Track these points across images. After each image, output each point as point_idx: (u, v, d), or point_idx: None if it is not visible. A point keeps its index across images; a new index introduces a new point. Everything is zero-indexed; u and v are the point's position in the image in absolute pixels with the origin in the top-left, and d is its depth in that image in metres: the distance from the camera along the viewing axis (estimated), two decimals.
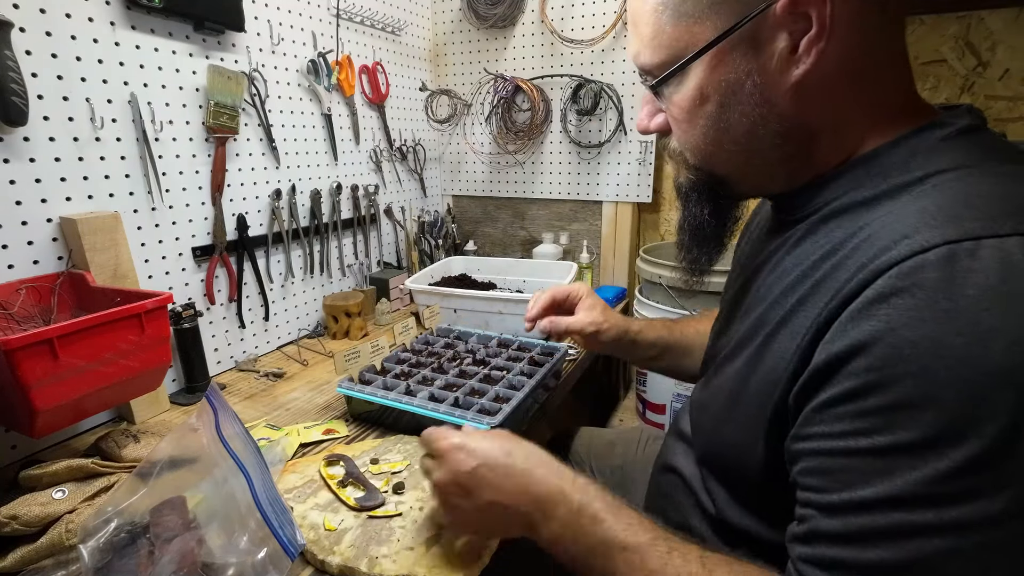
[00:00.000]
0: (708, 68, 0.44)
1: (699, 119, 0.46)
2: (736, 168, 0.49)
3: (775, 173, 0.48)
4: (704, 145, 0.48)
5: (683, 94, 0.46)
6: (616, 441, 0.99)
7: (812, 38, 0.40)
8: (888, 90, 0.44)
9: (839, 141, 0.45)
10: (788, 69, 0.41)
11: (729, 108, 0.44)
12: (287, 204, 1.18)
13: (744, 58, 0.42)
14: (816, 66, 0.40)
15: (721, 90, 0.44)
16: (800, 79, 0.41)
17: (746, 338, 0.49)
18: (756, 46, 0.42)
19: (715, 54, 0.43)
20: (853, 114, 0.44)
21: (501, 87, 1.53)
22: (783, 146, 0.45)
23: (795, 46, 0.40)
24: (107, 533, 0.56)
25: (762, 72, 0.42)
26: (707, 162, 0.49)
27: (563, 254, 1.56)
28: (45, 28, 0.76)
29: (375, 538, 0.59)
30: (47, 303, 0.77)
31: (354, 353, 0.86)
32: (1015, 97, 1.14)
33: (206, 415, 0.64)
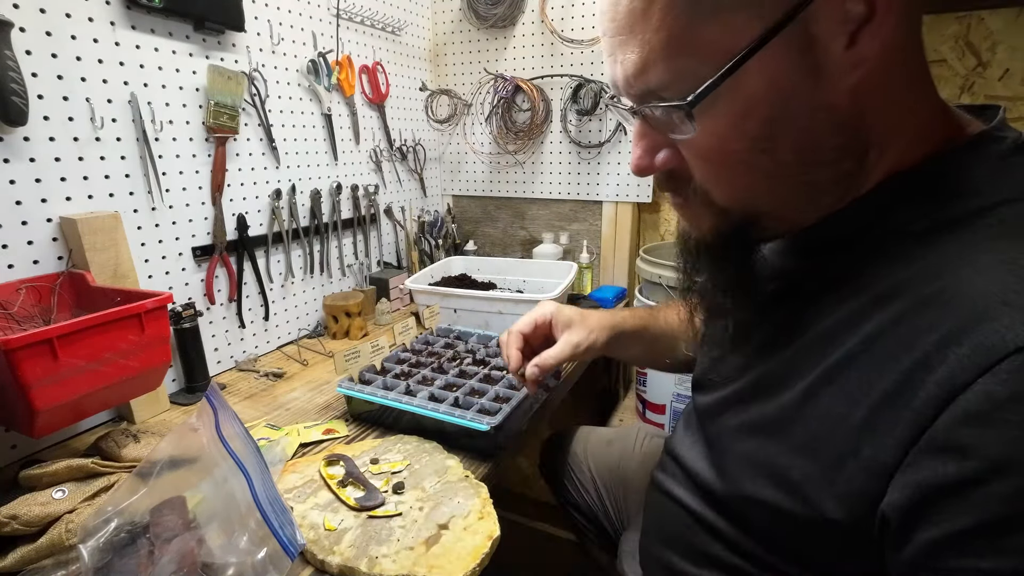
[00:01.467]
0: (755, 74, 0.34)
1: (738, 142, 0.36)
2: (778, 200, 0.39)
3: (821, 201, 0.39)
4: (743, 175, 0.38)
5: (717, 114, 0.36)
6: (614, 440, 0.99)
7: (874, 27, 0.32)
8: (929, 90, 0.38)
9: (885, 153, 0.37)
10: (847, 68, 0.34)
11: (781, 123, 0.35)
12: (287, 204, 1.18)
13: (800, 55, 0.33)
14: (876, 61, 0.33)
15: (772, 100, 0.35)
16: (861, 80, 0.34)
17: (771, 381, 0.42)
18: (806, 45, 0.33)
19: (761, 56, 0.33)
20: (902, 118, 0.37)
21: (501, 87, 1.53)
22: (840, 162, 0.37)
23: (853, 38, 0.33)
24: (107, 533, 0.56)
25: (820, 72, 0.34)
26: (744, 196, 0.40)
27: (563, 254, 1.56)
28: (45, 28, 0.76)
29: (375, 538, 0.59)
30: (47, 303, 0.77)
31: (354, 353, 0.86)
32: (1015, 97, 1.14)
33: (206, 415, 0.64)
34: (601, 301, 1.42)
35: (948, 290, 0.32)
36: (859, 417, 0.35)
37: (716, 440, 0.49)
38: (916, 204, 0.36)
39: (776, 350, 0.43)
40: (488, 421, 0.71)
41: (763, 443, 0.42)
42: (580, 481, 0.97)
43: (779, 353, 0.43)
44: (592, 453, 0.99)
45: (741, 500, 0.46)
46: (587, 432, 1.06)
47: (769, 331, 0.45)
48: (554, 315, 0.72)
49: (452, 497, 0.65)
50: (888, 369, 0.33)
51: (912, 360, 0.32)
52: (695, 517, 0.53)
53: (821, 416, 0.37)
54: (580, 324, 0.70)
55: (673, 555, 0.57)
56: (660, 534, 0.60)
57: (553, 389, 0.96)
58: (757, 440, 0.43)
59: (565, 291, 1.18)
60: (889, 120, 0.37)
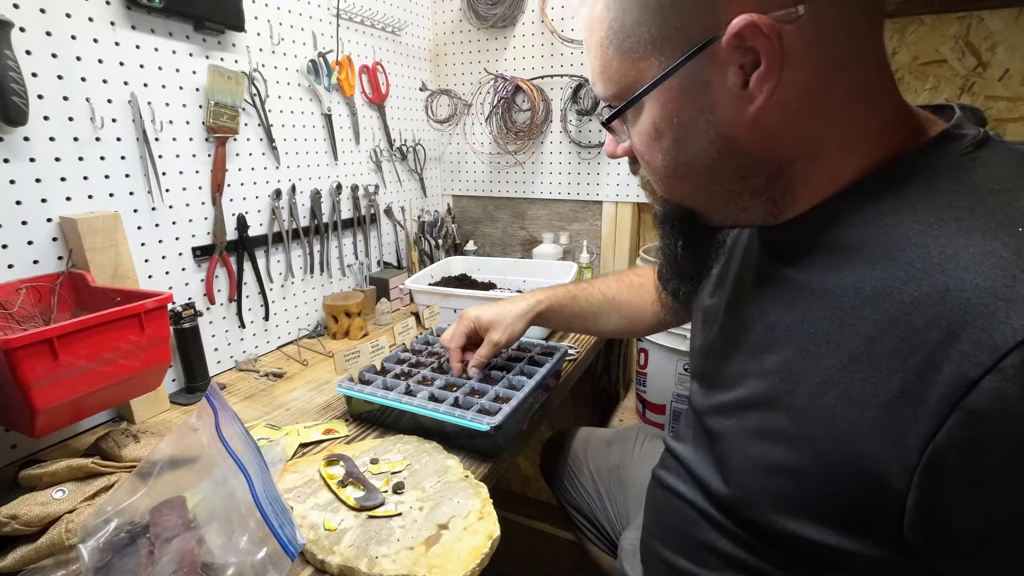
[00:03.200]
0: (659, 104, 0.41)
1: (658, 152, 0.44)
2: (704, 201, 0.46)
3: (747, 205, 0.44)
4: (667, 178, 0.45)
5: (639, 127, 0.44)
6: (614, 440, 0.99)
7: (762, 75, 0.36)
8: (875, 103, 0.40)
9: (822, 164, 0.40)
10: (742, 105, 0.38)
11: (685, 144, 0.42)
12: (287, 204, 1.18)
13: (694, 94, 0.39)
14: (771, 101, 0.37)
15: (674, 127, 0.41)
16: (756, 115, 0.38)
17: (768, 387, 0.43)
18: (706, 82, 0.39)
19: (663, 91, 0.40)
20: (833, 137, 0.40)
21: (501, 87, 1.53)
22: (749, 179, 0.42)
23: (746, 81, 0.37)
24: (107, 533, 0.56)
25: (714, 108, 0.39)
26: (673, 195, 0.47)
27: (563, 254, 1.56)
28: (45, 28, 0.76)
29: (375, 538, 0.59)
30: (47, 303, 0.77)
31: (354, 353, 0.86)
32: (1015, 97, 1.14)
33: (206, 415, 0.64)
34: None
35: (939, 288, 0.33)
36: (870, 419, 0.35)
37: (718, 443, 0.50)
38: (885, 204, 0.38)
39: (766, 351, 0.44)
40: (488, 421, 0.71)
41: (770, 448, 0.43)
42: (580, 481, 0.98)
43: (769, 354, 0.44)
44: (592, 454, 0.99)
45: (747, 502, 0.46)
46: (587, 433, 1.06)
47: (763, 336, 0.45)
48: (476, 322, 0.84)
49: (452, 497, 0.65)
50: (893, 370, 0.34)
51: (917, 360, 0.33)
52: (698, 511, 0.53)
53: (828, 420, 0.38)
54: (498, 324, 0.83)
55: (674, 550, 0.57)
56: (661, 530, 0.60)
57: (553, 389, 0.96)
58: (764, 445, 0.43)
59: None
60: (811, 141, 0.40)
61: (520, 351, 0.97)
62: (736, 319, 0.51)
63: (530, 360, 0.92)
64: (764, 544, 0.47)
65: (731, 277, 0.55)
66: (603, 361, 1.60)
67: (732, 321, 0.51)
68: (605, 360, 1.60)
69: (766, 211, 0.44)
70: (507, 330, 0.82)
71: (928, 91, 1.21)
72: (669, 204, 0.48)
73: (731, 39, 0.36)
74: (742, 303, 0.50)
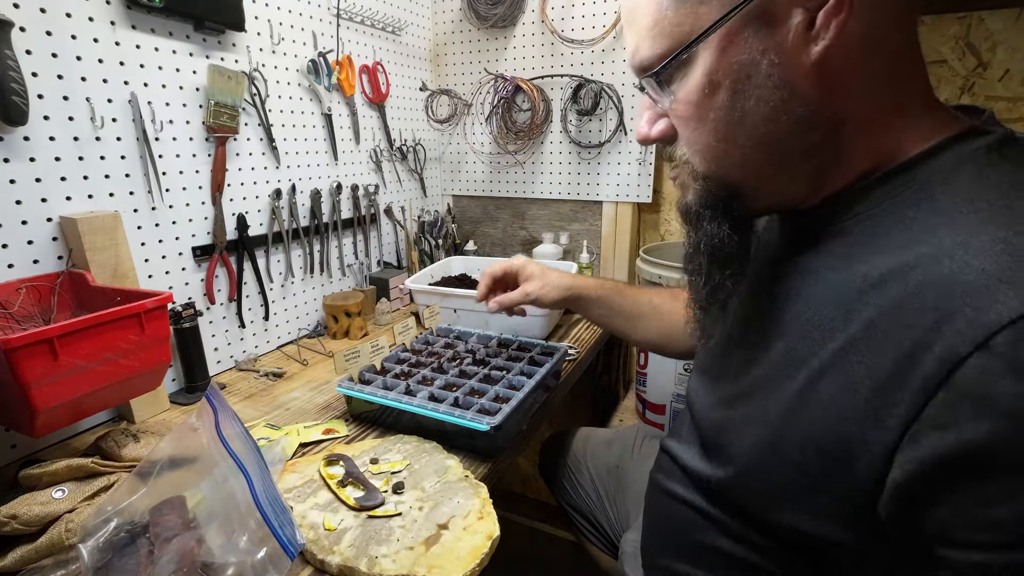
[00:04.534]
0: (717, 51, 0.39)
1: (709, 111, 0.41)
2: (754, 170, 0.43)
3: (797, 173, 0.42)
4: (716, 143, 0.42)
5: (690, 86, 0.41)
6: (613, 441, 0.99)
7: (830, 10, 0.36)
8: (915, 83, 0.40)
9: (870, 138, 0.40)
10: (807, 46, 0.37)
11: (744, 94, 0.39)
12: (287, 204, 1.18)
13: (757, 36, 0.38)
14: (837, 42, 0.36)
15: (733, 74, 0.39)
16: (821, 56, 0.37)
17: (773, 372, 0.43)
18: (769, 22, 0.37)
19: (724, 34, 0.38)
20: (883, 105, 0.39)
21: (501, 87, 1.53)
22: (807, 134, 0.40)
23: (812, 20, 0.37)
24: (107, 532, 0.56)
25: (779, 50, 0.38)
26: (720, 166, 0.44)
27: (563, 254, 1.56)
28: (45, 27, 0.76)
29: (375, 538, 0.59)
30: (47, 303, 0.77)
31: (354, 353, 0.86)
32: (1015, 98, 1.14)
33: (206, 415, 0.64)
34: None
35: (945, 272, 0.33)
36: (861, 402, 0.36)
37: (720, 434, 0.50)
38: (907, 193, 0.38)
39: (771, 339, 0.45)
40: (488, 421, 0.71)
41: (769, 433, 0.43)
42: (579, 482, 0.97)
43: (775, 341, 0.44)
44: (591, 454, 0.99)
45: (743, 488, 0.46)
46: (586, 433, 1.06)
47: (771, 325, 0.46)
48: (520, 268, 0.89)
49: (452, 497, 0.65)
50: (889, 352, 0.34)
51: (911, 341, 0.33)
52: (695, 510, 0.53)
53: (824, 404, 0.38)
54: (538, 278, 0.86)
55: (674, 554, 0.57)
56: (660, 534, 0.60)
57: (553, 389, 0.96)
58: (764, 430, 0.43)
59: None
60: (866, 101, 0.39)
61: (520, 351, 0.97)
62: (749, 313, 0.51)
63: (530, 360, 0.92)
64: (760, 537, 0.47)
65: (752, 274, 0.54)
66: (603, 361, 1.60)
67: (744, 315, 0.51)
68: (605, 360, 1.60)
69: (810, 185, 0.43)
70: (543, 289, 0.84)
71: None
72: (711, 183, 0.45)
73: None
74: (756, 297, 0.50)
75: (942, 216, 0.36)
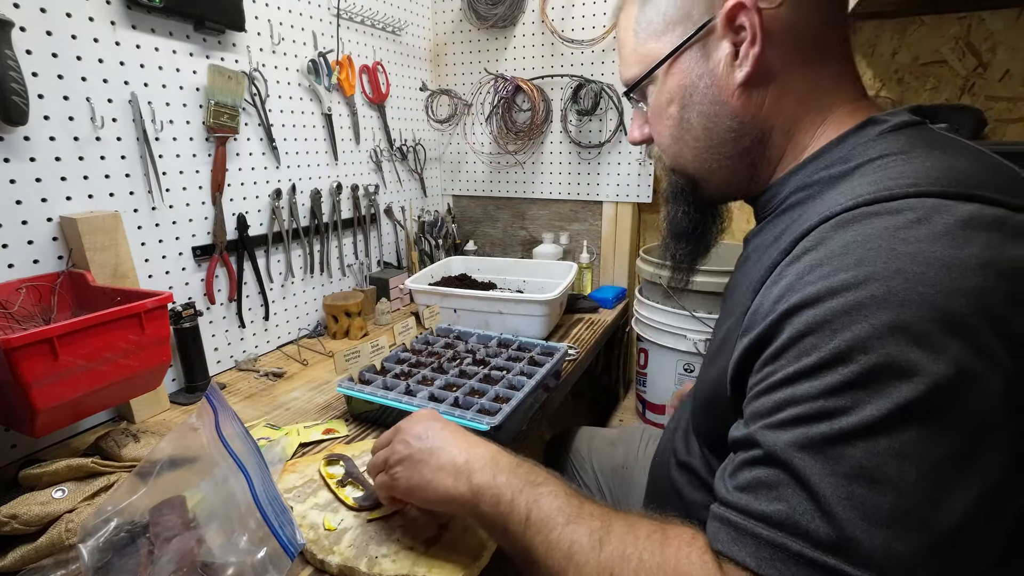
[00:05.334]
0: (670, 75, 0.52)
1: (667, 119, 0.54)
2: (702, 165, 0.55)
3: (736, 169, 0.54)
4: (673, 144, 0.55)
5: (653, 100, 0.55)
6: (617, 440, 0.99)
7: (747, 44, 0.46)
8: (838, 89, 0.49)
9: (792, 139, 0.50)
10: (733, 72, 0.48)
11: (688, 108, 0.52)
12: (287, 204, 1.18)
13: (696, 65, 0.50)
14: (756, 68, 0.47)
15: (680, 93, 0.52)
16: (744, 80, 0.48)
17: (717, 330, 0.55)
18: (706, 54, 0.50)
19: (672, 63, 0.51)
20: (801, 113, 0.49)
21: (501, 87, 1.53)
22: (739, 140, 0.51)
23: (736, 52, 0.48)
24: (107, 532, 0.56)
25: (712, 76, 0.50)
26: (678, 161, 0.56)
27: (563, 254, 1.56)
28: (46, 27, 0.76)
29: (375, 538, 0.59)
30: (47, 302, 0.77)
31: (354, 353, 0.86)
32: (1015, 98, 1.14)
33: (206, 415, 0.64)
34: (601, 301, 1.43)
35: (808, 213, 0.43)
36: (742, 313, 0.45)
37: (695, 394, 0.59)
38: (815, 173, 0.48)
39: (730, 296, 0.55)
40: (488, 421, 0.71)
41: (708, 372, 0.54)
42: (583, 481, 0.97)
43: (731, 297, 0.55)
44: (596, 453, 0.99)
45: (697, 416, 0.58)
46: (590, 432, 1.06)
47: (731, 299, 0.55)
48: None
49: None
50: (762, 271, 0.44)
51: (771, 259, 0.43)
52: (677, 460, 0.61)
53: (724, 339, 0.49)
54: None
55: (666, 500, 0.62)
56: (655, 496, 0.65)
57: (553, 389, 0.96)
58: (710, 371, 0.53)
59: (565, 291, 1.18)
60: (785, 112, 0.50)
61: (520, 351, 0.97)
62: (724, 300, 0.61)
63: (530, 360, 0.92)
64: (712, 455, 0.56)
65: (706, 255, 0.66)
66: (603, 361, 1.59)
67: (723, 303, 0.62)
68: (605, 360, 1.60)
69: (749, 177, 0.54)
70: None
71: (928, 91, 1.21)
72: (675, 175, 0.59)
73: (725, 18, 0.47)
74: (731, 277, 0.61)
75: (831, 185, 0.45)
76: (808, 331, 0.36)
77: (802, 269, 0.38)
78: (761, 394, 0.39)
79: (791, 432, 0.35)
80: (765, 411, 0.38)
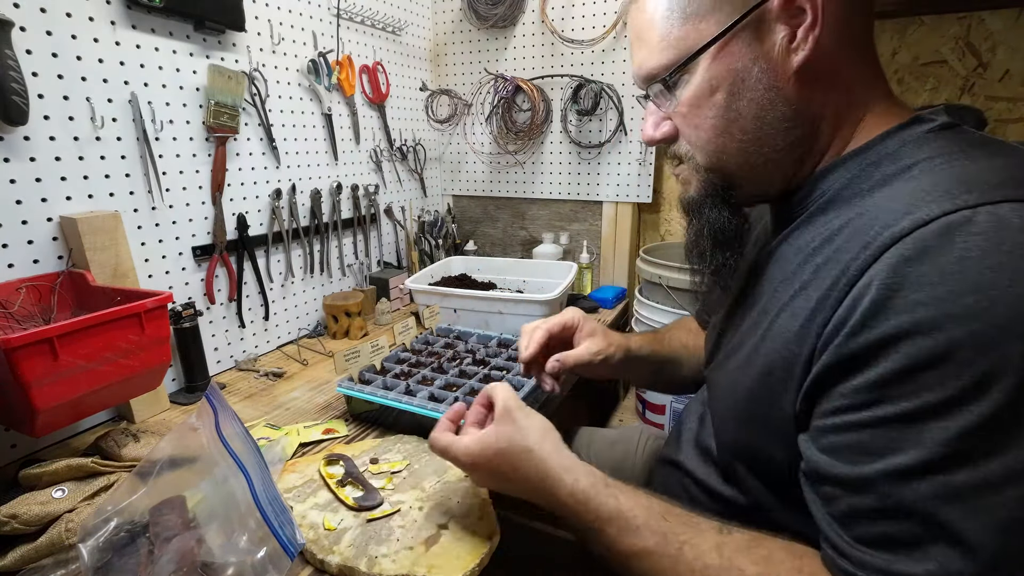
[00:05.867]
0: (716, 60, 0.46)
1: (709, 110, 0.48)
2: (747, 161, 0.50)
3: (783, 162, 0.49)
4: (715, 137, 0.49)
5: (692, 89, 0.48)
6: (617, 441, 0.99)
7: (808, 26, 0.43)
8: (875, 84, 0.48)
9: (838, 130, 0.48)
10: (790, 56, 0.45)
11: (738, 95, 0.47)
12: (287, 204, 1.18)
13: (749, 48, 0.45)
14: (813, 53, 0.44)
15: (730, 79, 0.46)
16: (801, 64, 0.44)
17: (750, 329, 0.51)
18: (759, 36, 0.45)
19: (721, 46, 0.46)
20: (851, 103, 0.47)
21: (501, 87, 1.53)
22: (792, 129, 0.47)
23: (793, 35, 0.44)
24: (107, 532, 0.56)
25: (766, 59, 0.45)
26: (719, 158, 0.50)
27: (563, 254, 1.56)
28: (46, 27, 0.76)
29: (374, 538, 0.59)
30: (47, 302, 0.77)
31: (354, 353, 0.86)
32: (1015, 98, 1.14)
33: (206, 414, 0.64)
34: (601, 301, 1.43)
35: (871, 216, 0.41)
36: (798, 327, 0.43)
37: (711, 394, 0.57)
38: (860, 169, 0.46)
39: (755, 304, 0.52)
40: None
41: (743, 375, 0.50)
42: None
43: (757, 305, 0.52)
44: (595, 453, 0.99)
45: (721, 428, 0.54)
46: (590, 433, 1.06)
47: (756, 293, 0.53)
48: (580, 323, 0.76)
49: (452, 497, 0.65)
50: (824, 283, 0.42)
51: (838, 271, 0.40)
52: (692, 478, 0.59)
53: (776, 337, 0.46)
54: (602, 336, 0.75)
55: None
56: None
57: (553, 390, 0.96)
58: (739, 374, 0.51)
59: (565, 291, 1.18)
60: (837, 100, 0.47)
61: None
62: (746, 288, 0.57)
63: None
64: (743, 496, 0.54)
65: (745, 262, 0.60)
66: None
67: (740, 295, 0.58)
68: None
69: (792, 172, 0.50)
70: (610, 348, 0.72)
71: (928, 91, 1.21)
72: (711, 175, 0.52)
73: None
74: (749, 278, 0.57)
75: (884, 185, 0.43)
76: (928, 363, 0.33)
77: (903, 283, 0.35)
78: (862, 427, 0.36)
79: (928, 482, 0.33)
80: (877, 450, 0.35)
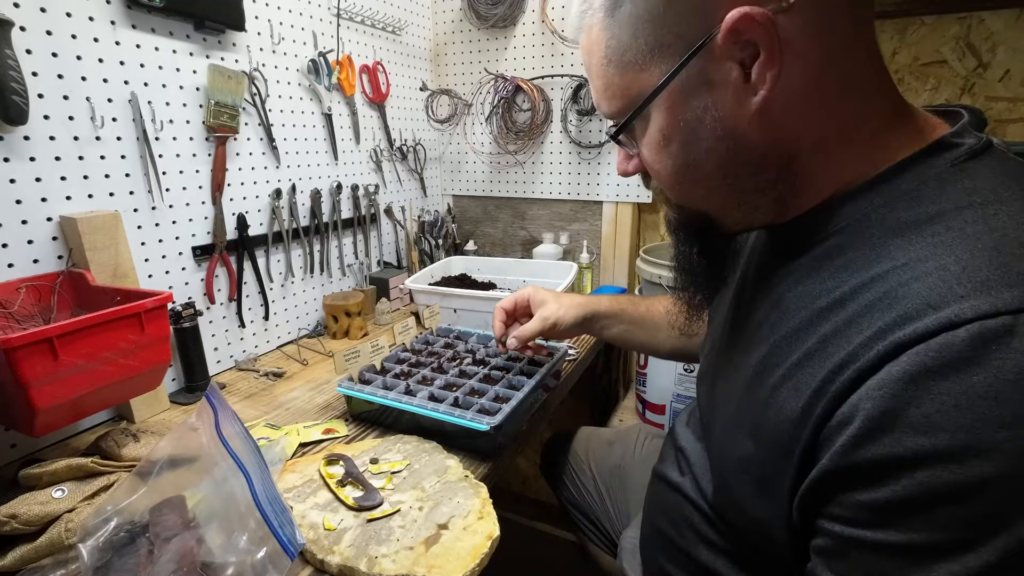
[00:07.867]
0: (664, 110, 0.42)
1: (667, 159, 0.44)
2: (718, 204, 0.46)
3: (759, 204, 0.44)
4: (677, 184, 0.46)
5: (648, 137, 0.45)
6: (615, 440, 1.00)
7: (763, 64, 0.37)
8: (876, 98, 0.40)
9: (829, 163, 0.41)
10: (747, 97, 0.39)
11: (694, 146, 0.42)
12: (287, 204, 1.18)
13: (698, 95, 0.40)
14: (775, 90, 0.37)
15: (681, 129, 0.42)
16: (761, 106, 0.38)
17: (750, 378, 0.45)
18: (707, 81, 0.39)
19: (667, 96, 0.41)
20: (838, 130, 0.40)
21: (501, 87, 1.53)
22: (760, 174, 0.42)
23: (748, 74, 0.38)
24: (106, 532, 0.56)
25: (720, 105, 0.40)
26: (688, 199, 0.47)
27: (563, 254, 1.56)
28: (46, 27, 0.76)
29: (374, 538, 0.59)
30: (47, 302, 0.77)
31: (354, 353, 0.86)
32: (1015, 98, 1.14)
33: (206, 414, 0.64)
34: None
35: (889, 294, 0.34)
36: (800, 408, 0.37)
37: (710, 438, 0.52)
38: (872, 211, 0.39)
39: (752, 347, 0.46)
40: (488, 421, 0.71)
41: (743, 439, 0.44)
42: (581, 480, 0.98)
43: (754, 350, 0.45)
44: (593, 453, 0.99)
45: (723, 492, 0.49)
46: (588, 432, 1.06)
47: (752, 332, 0.47)
48: (531, 296, 0.84)
49: (452, 497, 0.65)
50: (828, 363, 0.36)
51: (846, 354, 0.35)
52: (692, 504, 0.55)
53: (777, 411, 0.40)
54: (553, 300, 0.82)
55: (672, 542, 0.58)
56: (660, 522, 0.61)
57: (553, 389, 0.96)
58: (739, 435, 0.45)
59: (565, 291, 1.18)
60: (816, 133, 0.40)
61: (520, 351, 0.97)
62: (737, 317, 0.52)
63: (530, 360, 0.92)
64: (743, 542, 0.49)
65: (739, 277, 0.55)
66: (603, 361, 1.59)
67: (734, 319, 0.53)
68: (605, 360, 1.60)
69: (775, 210, 0.45)
70: (560, 311, 0.80)
71: (928, 92, 1.21)
72: (684, 211, 0.49)
73: (727, 35, 0.36)
74: (744, 301, 0.51)
75: (902, 238, 0.36)
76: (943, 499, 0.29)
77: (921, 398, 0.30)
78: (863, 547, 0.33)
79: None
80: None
